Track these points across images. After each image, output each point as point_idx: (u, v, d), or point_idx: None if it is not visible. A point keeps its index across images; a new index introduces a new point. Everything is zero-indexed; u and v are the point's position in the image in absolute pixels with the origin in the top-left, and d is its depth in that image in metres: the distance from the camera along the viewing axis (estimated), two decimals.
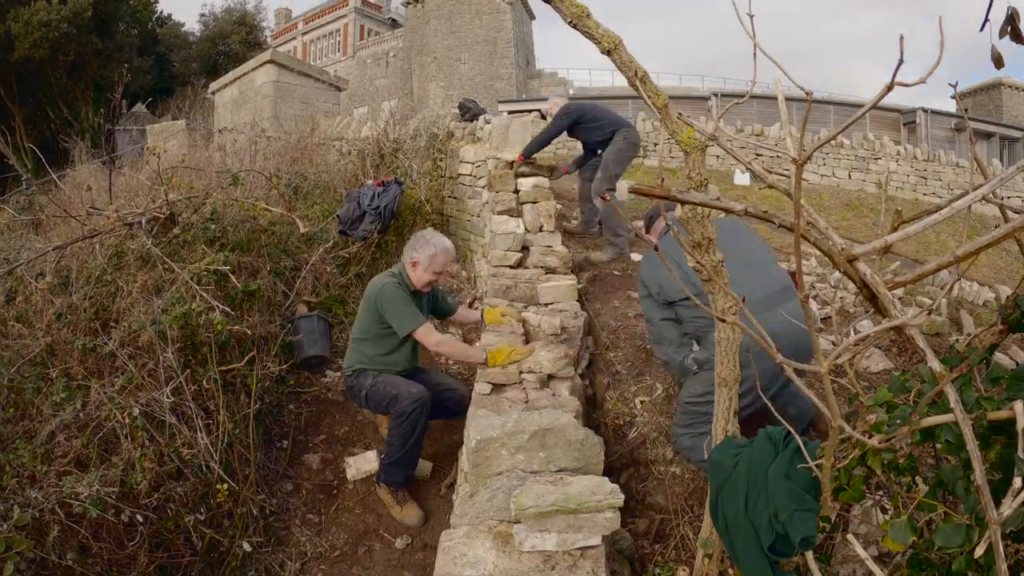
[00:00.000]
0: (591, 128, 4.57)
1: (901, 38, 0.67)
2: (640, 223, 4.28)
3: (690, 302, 2.31)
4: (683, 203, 0.84)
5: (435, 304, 3.25)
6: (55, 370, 2.81)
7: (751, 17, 0.87)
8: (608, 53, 1.43)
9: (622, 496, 1.76)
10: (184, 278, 3.07)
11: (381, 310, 2.89)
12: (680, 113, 1.34)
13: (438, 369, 3.83)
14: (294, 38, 39.36)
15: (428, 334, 2.86)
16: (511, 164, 4.52)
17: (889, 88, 0.71)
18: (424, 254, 2.95)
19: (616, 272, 4.36)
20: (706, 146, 1.40)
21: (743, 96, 1.43)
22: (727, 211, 0.84)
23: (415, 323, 2.84)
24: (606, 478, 1.87)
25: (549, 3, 1.45)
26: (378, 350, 2.99)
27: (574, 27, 1.45)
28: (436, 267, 2.96)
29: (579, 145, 4.92)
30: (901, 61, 0.67)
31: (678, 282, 1.13)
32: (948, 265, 0.90)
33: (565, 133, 4.67)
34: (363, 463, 3.08)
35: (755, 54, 1.01)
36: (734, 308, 1.41)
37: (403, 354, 3.03)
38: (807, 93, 0.71)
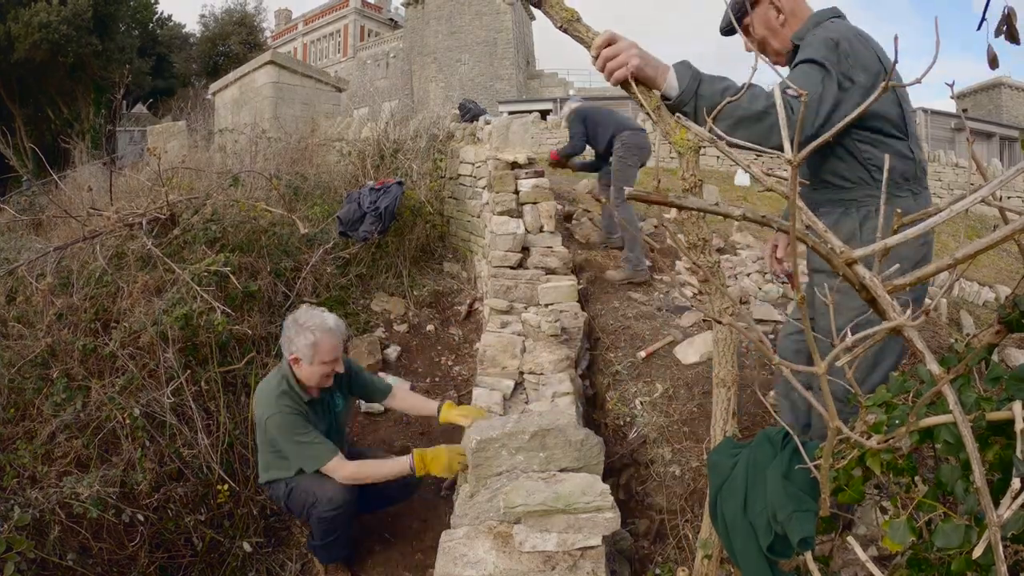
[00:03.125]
0: (594, 134, 4.52)
1: (896, 39, 0.68)
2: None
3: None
4: (680, 208, 0.84)
5: (354, 389, 2.64)
6: (56, 370, 2.81)
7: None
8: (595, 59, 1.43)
9: (611, 497, 1.76)
10: (185, 279, 3.07)
11: (274, 445, 2.37)
12: (677, 116, 1.34)
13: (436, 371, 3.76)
14: (294, 39, 39.42)
15: (338, 468, 2.32)
16: (512, 165, 4.51)
17: (885, 88, 0.71)
18: (302, 344, 2.31)
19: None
20: (700, 147, 1.40)
21: (741, 94, 1.43)
22: (725, 216, 0.84)
23: (320, 459, 2.31)
24: (598, 478, 1.87)
25: (539, 7, 1.45)
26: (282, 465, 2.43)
27: (564, 31, 1.46)
28: (324, 356, 2.32)
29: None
30: (896, 61, 0.68)
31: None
32: (947, 268, 0.90)
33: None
34: None
35: (755, 54, 1.02)
36: (731, 309, 1.42)
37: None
38: (802, 94, 0.71)
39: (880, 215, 0.87)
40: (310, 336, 2.30)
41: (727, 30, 1.89)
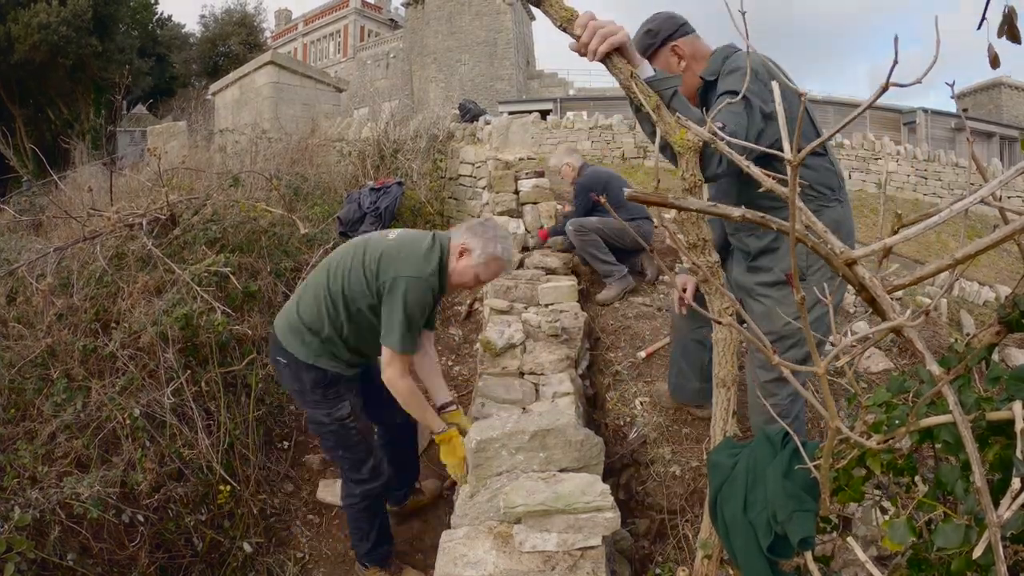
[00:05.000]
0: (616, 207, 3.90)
1: (896, 39, 0.68)
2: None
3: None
4: (680, 209, 0.84)
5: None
6: (56, 371, 2.81)
7: (743, 14, 0.88)
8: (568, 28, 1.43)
9: (611, 497, 1.76)
10: (185, 279, 3.07)
11: (383, 297, 2.11)
12: (677, 116, 1.35)
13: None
14: (294, 39, 39.43)
15: (394, 364, 2.13)
16: (508, 166, 4.50)
17: (884, 88, 0.71)
18: (485, 250, 2.14)
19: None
20: (700, 147, 1.40)
21: (740, 96, 1.43)
22: (724, 217, 0.84)
23: (405, 346, 2.09)
24: (598, 478, 1.87)
25: (539, 7, 1.45)
26: (340, 329, 2.20)
27: (564, 31, 1.46)
28: (486, 274, 2.20)
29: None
30: (896, 61, 0.68)
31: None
32: (946, 268, 0.90)
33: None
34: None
35: (747, 51, 1.02)
36: (731, 309, 1.42)
37: (359, 347, 2.27)
38: (801, 93, 0.71)
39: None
40: (497, 248, 2.15)
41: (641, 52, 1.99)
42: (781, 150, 0.76)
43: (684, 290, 2.38)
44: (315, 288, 2.23)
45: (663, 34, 2.00)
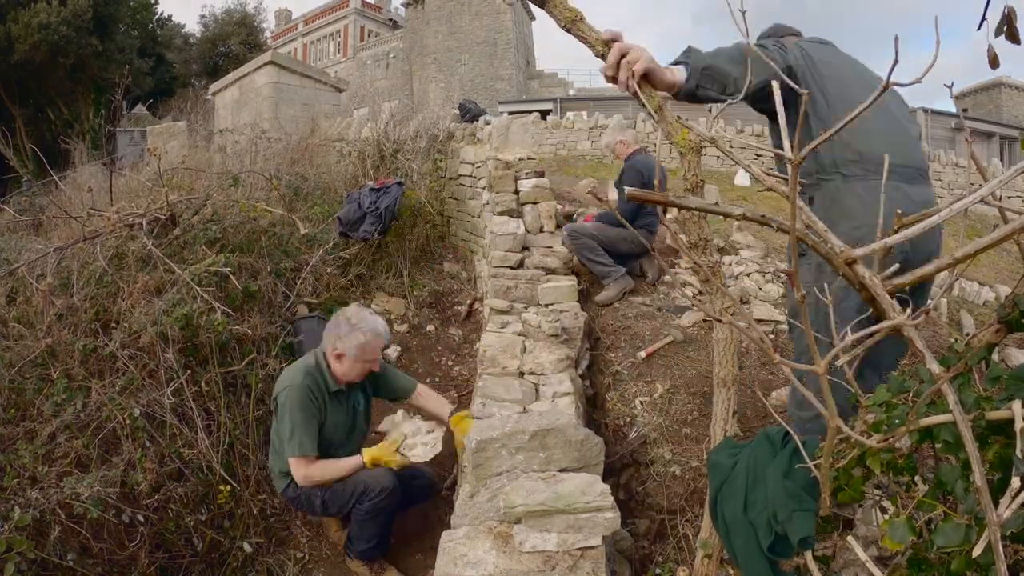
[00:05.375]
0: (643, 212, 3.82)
1: (896, 39, 0.68)
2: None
3: None
4: (680, 208, 0.84)
5: (378, 390, 2.72)
6: (56, 371, 2.81)
7: (743, 13, 0.88)
8: (602, 56, 1.43)
9: (611, 497, 1.76)
10: (185, 279, 3.08)
11: (279, 413, 2.46)
12: (679, 116, 1.35)
13: (434, 367, 3.73)
14: (294, 39, 39.43)
15: (299, 467, 2.40)
16: (508, 166, 4.49)
17: (884, 88, 0.71)
18: (350, 344, 2.40)
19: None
20: (702, 147, 1.41)
21: (740, 97, 1.43)
22: (725, 216, 0.84)
23: (299, 450, 2.38)
24: (598, 478, 1.87)
25: (543, 7, 1.46)
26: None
27: (568, 31, 1.46)
28: (367, 356, 2.44)
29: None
30: (896, 61, 0.68)
31: None
32: (947, 267, 0.91)
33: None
34: None
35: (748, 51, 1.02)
36: (732, 308, 1.42)
37: (344, 440, 2.56)
38: (803, 93, 0.71)
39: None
40: (360, 337, 2.40)
41: None
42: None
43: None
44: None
45: None
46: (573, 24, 1.46)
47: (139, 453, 2.55)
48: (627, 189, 0.84)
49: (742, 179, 9.80)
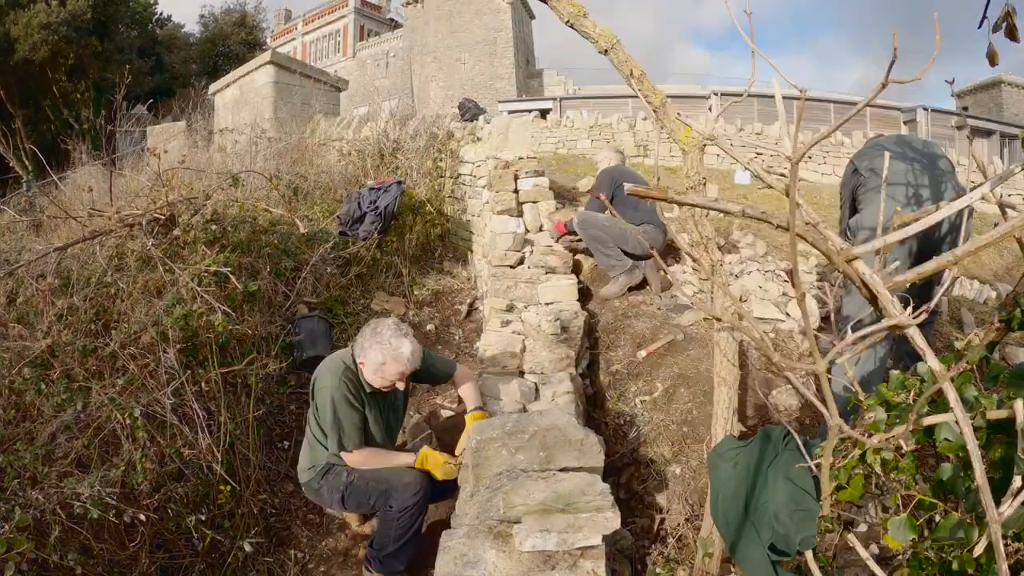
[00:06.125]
0: (623, 208, 3.90)
1: (895, 35, 0.67)
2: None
3: None
4: (680, 205, 0.83)
5: (418, 378, 2.61)
6: (56, 371, 2.81)
7: (748, 15, 0.87)
8: (605, 52, 1.43)
9: (611, 497, 1.75)
10: (185, 279, 3.07)
11: (319, 411, 2.45)
12: (679, 113, 1.34)
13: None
14: (294, 39, 39.39)
15: (351, 454, 2.42)
16: (507, 165, 4.48)
17: (884, 85, 0.71)
18: (371, 356, 2.36)
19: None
20: (704, 145, 1.40)
21: (742, 95, 1.43)
22: (725, 212, 0.84)
23: (350, 444, 2.39)
24: (598, 477, 1.87)
25: (546, 3, 1.45)
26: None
27: (571, 27, 1.45)
28: (387, 376, 2.37)
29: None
30: (895, 59, 0.67)
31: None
32: (947, 265, 0.90)
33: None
34: None
35: (752, 53, 1.01)
36: (732, 307, 1.41)
37: (378, 437, 2.52)
38: (801, 91, 0.71)
39: None
40: (379, 356, 2.35)
41: None
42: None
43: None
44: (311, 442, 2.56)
45: None
46: (576, 20, 1.45)
47: (139, 453, 2.55)
48: (627, 186, 0.83)
49: (742, 178, 9.78)
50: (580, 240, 4.09)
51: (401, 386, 2.44)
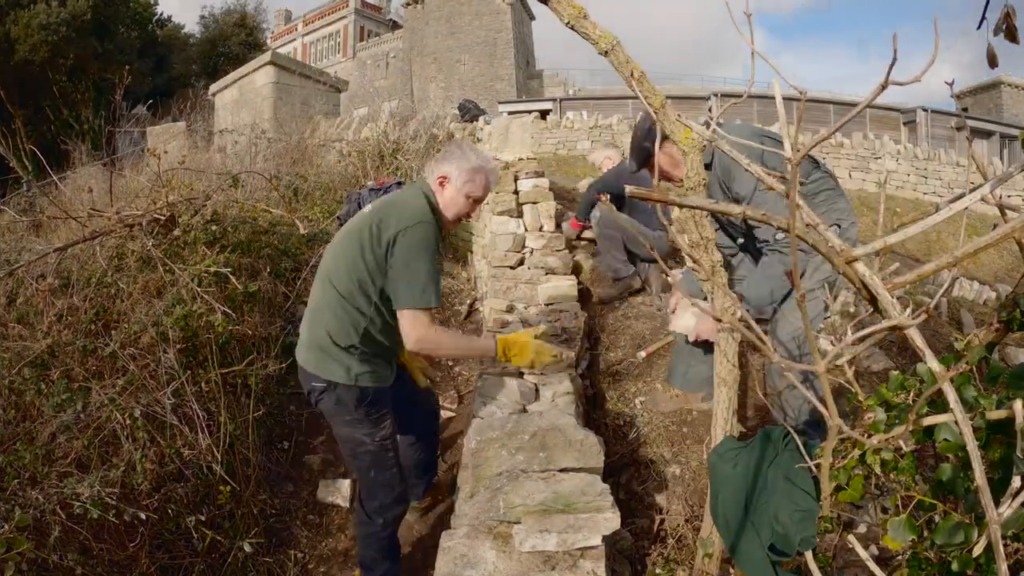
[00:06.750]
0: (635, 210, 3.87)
1: (895, 36, 0.68)
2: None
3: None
4: (681, 207, 0.84)
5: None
6: (56, 371, 2.81)
7: (748, 16, 0.88)
8: (606, 54, 1.43)
9: (611, 497, 1.76)
10: (185, 280, 3.07)
11: (391, 257, 1.94)
12: (679, 115, 1.35)
13: None
14: (294, 39, 39.44)
15: (418, 324, 1.94)
16: (507, 166, 4.48)
17: (883, 87, 0.71)
18: (464, 166, 2.02)
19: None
20: (704, 147, 1.40)
21: (742, 96, 1.43)
22: (725, 214, 0.84)
23: (428, 298, 1.93)
24: (598, 477, 1.87)
25: (546, 4, 1.45)
26: (374, 325, 2.04)
27: (572, 28, 1.45)
28: (476, 190, 2.04)
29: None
30: (895, 60, 0.68)
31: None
32: (947, 266, 0.90)
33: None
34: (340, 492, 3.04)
35: (752, 54, 1.02)
36: (732, 308, 1.41)
37: (393, 336, 2.08)
38: (801, 92, 0.71)
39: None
40: (475, 160, 2.04)
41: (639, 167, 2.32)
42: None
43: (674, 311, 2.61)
44: (329, 300, 2.07)
45: (652, 137, 2.14)
46: (577, 21, 1.45)
47: (139, 453, 2.55)
48: (627, 188, 0.84)
49: None
50: (581, 237, 4.13)
51: (476, 214, 2.23)
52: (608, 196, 1.32)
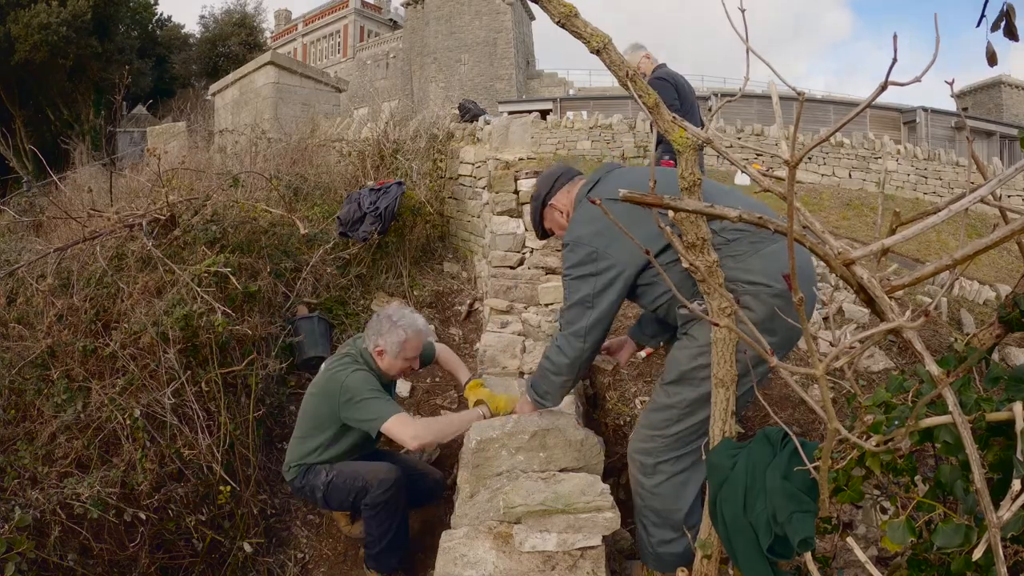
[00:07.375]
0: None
1: (895, 37, 0.68)
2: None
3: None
4: (676, 210, 0.84)
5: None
6: (56, 371, 2.81)
7: (742, 12, 0.87)
8: (597, 52, 1.42)
9: (611, 497, 1.76)
10: (185, 280, 3.07)
11: (342, 408, 2.37)
12: (675, 116, 1.34)
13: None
14: (294, 39, 39.44)
15: (404, 426, 2.28)
16: (507, 165, 4.48)
17: (883, 87, 0.71)
18: (391, 340, 2.43)
19: None
20: (700, 146, 1.40)
21: (738, 96, 1.43)
22: (721, 217, 0.84)
23: (387, 413, 2.30)
24: (598, 477, 1.87)
25: (537, 3, 1.45)
26: (330, 444, 2.50)
27: (562, 26, 1.45)
28: (409, 353, 2.46)
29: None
30: (895, 60, 0.67)
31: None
32: (946, 268, 0.90)
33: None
34: None
35: (747, 52, 1.01)
36: (728, 309, 1.41)
37: (359, 443, 2.53)
38: (799, 93, 0.71)
39: None
40: (402, 334, 2.43)
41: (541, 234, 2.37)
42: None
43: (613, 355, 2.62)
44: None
45: (541, 197, 2.21)
46: (567, 19, 1.44)
47: (139, 453, 2.55)
48: (621, 192, 0.83)
49: (742, 179, 9.78)
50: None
51: (416, 365, 2.52)
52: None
